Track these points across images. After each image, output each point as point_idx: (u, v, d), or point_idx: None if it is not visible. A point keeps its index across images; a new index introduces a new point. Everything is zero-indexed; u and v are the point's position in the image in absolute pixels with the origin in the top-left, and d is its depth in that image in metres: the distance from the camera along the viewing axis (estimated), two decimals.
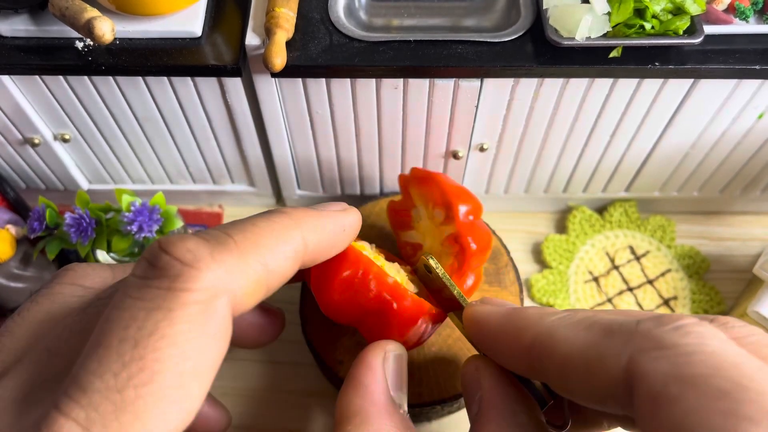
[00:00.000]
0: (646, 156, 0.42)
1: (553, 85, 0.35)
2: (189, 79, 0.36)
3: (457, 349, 0.37)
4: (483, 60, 0.34)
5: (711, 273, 0.46)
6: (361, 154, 0.42)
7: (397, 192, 0.45)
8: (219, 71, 0.34)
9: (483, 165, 0.43)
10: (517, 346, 0.25)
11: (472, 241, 0.34)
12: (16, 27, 0.35)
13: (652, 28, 0.33)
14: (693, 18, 0.33)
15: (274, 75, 0.34)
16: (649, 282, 0.45)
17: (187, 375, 0.19)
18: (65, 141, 0.41)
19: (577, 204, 0.47)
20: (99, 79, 0.36)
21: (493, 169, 0.43)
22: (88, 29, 0.31)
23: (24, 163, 0.44)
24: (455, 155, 0.41)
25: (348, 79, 0.35)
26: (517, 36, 0.34)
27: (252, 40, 0.34)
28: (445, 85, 0.35)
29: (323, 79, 0.35)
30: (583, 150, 0.41)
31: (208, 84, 0.36)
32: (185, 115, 0.39)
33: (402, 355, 0.29)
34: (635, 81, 0.35)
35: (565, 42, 0.33)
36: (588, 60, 0.33)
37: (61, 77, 0.36)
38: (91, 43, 0.35)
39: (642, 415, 0.19)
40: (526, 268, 0.46)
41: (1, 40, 0.35)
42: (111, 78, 0.36)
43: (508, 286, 0.39)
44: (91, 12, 0.32)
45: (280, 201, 0.48)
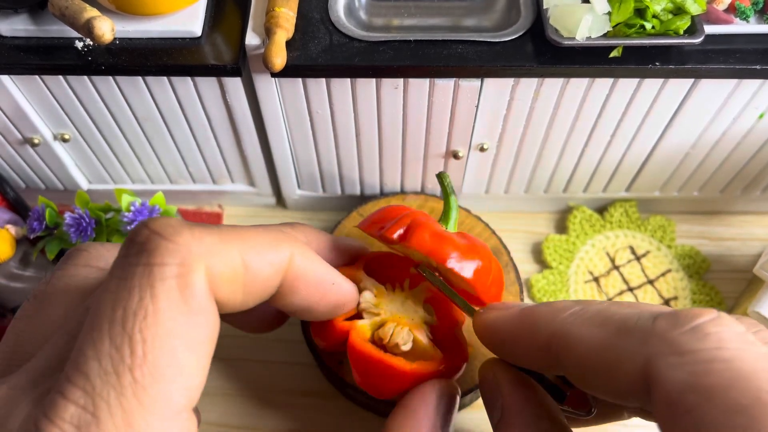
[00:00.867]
0: (646, 156, 0.42)
1: (553, 85, 0.35)
2: (189, 78, 0.36)
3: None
4: (483, 60, 0.34)
5: (711, 273, 0.46)
6: (361, 154, 0.42)
7: (397, 192, 0.45)
8: (219, 71, 0.34)
9: (483, 165, 0.43)
10: (532, 347, 0.25)
11: (481, 296, 0.31)
12: (16, 27, 0.35)
13: (653, 27, 0.33)
14: (693, 18, 0.33)
15: (274, 75, 0.34)
16: (650, 282, 0.45)
17: (178, 352, 0.19)
18: (65, 141, 0.41)
19: (578, 204, 0.47)
20: (99, 79, 0.36)
21: (493, 169, 0.43)
22: (87, 29, 0.31)
23: (24, 163, 0.44)
24: (455, 155, 0.41)
25: (348, 79, 0.35)
26: (517, 36, 0.34)
27: (252, 39, 0.34)
28: (445, 85, 0.35)
29: (323, 79, 0.35)
30: (583, 150, 0.41)
31: (208, 84, 0.36)
32: (185, 115, 0.39)
33: (455, 396, 0.30)
34: (635, 81, 0.35)
35: (566, 42, 0.33)
36: (588, 60, 0.33)
37: (60, 77, 0.36)
38: (91, 42, 0.34)
39: (660, 417, 0.19)
40: (527, 268, 0.46)
41: (0, 39, 0.35)
42: (111, 78, 0.36)
43: (508, 286, 0.39)
44: (91, 12, 0.32)
45: (280, 201, 0.48)
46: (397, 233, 0.31)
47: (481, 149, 0.40)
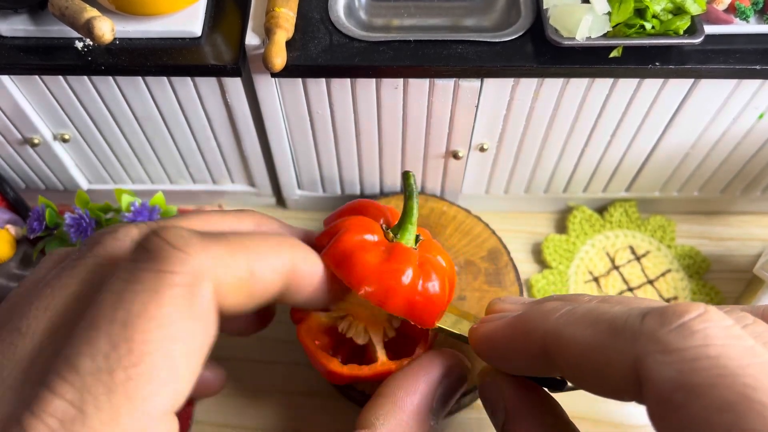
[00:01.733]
0: (646, 156, 0.42)
1: (553, 85, 0.35)
2: (189, 78, 0.36)
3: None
4: (483, 60, 0.34)
5: (711, 273, 0.46)
6: (361, 154, 0.42)
7: (396, 192, 0.45)
8: (219, 71, 0.34)
9: (483, 165, 0.43)
10: (528, 354, 0.25)
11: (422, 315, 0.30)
12: (16, 27, 0.35)
13: (653, 27, 0.33)
14: (693, 18, 0.33)
15: (274, 75, 0.34)
16: (650, 282, 0.45)
17: (176, 356, 0.20)
18: (65, 141, 0.41)
19: (578, 204, 0.47)
20: (99, 79, 0.36)
21: (493, 169, 0.43)
22: (87, 29, 0.31)
23: (24, 163, 0.44)
24: (455, 155, 0.41)
25: (348, 79, 0.35)
26: (517, 36, 0.34)
27: (252, 39, 0.34)
28: (445, 85, 0.35)
29: (323, 79, 0.35)
30: (583, 150, 0.41)
31: (208, 84, 0.36)
32: (185, 115, 0.39)
33: (463, 377, 0.31)
34: (635, 81, 0.35)
35: (566, 42, 0.33)
36: (588, 60, 0.33)
37: (60, 77, 0.36)
38: (91, 43, 0.34)
39: (652, 414, 0.20)
40: (527, 268, 0.46)
41: (0, 39, 0.35)
42: (111, 78, 0.36)
43: (508, 287, 0.39)
44: (91, 12, 0.32)
45: (280, 201, 0.48)
46: (324, 249, 0.29)
47: (481, 149, 0.40)
